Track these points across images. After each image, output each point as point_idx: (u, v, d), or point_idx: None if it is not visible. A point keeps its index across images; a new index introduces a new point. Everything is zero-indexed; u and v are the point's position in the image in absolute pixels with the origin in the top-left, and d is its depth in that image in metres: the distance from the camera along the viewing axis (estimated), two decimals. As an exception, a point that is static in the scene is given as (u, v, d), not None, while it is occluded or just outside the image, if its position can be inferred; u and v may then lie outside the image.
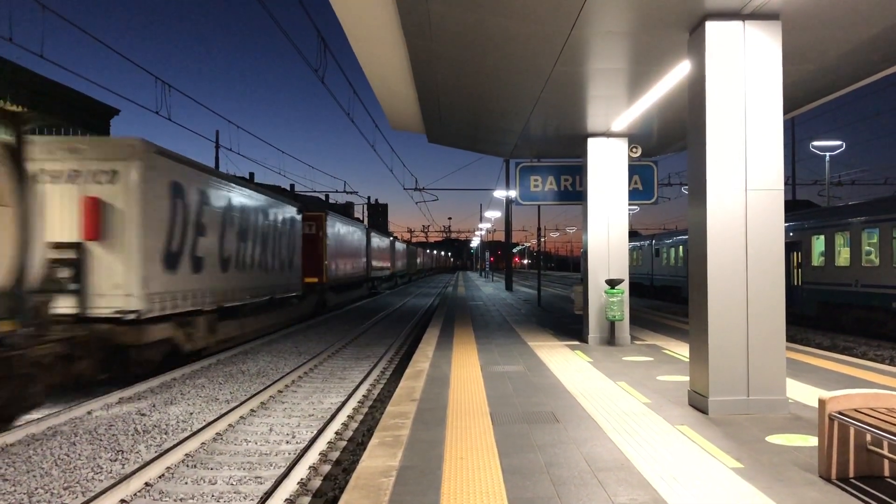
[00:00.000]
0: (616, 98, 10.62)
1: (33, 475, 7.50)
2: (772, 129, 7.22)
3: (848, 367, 10.43)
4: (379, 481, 5.18)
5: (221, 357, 16.15)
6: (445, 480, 5.20)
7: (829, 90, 10.42)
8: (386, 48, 9.81)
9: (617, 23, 7.44)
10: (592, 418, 7.17)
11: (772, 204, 7.21)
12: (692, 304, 7.59)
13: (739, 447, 5.99)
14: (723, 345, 7.14)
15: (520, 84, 10.10)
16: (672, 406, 7.69)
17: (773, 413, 7.16)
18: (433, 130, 14.86)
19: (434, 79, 10.38)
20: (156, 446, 8.68)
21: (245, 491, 7.05)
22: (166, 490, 7.08)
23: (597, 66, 9.02)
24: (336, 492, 7.09)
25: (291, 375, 13.38)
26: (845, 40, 7.91)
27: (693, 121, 7.59)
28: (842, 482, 5.07)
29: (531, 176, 14.87)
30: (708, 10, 7.06)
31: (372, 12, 8.53)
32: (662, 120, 12.18)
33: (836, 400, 5.16)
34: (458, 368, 10.47)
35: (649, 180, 14.76)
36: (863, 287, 20.15)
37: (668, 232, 40.12)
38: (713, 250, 7.18)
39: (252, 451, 8.54)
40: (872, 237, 19.75)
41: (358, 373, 14.26)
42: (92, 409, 10.61)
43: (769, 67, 7.20)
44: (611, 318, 12.87)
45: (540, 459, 5.71)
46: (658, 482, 5.10)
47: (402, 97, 12.52)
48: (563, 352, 12.37)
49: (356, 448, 8.75)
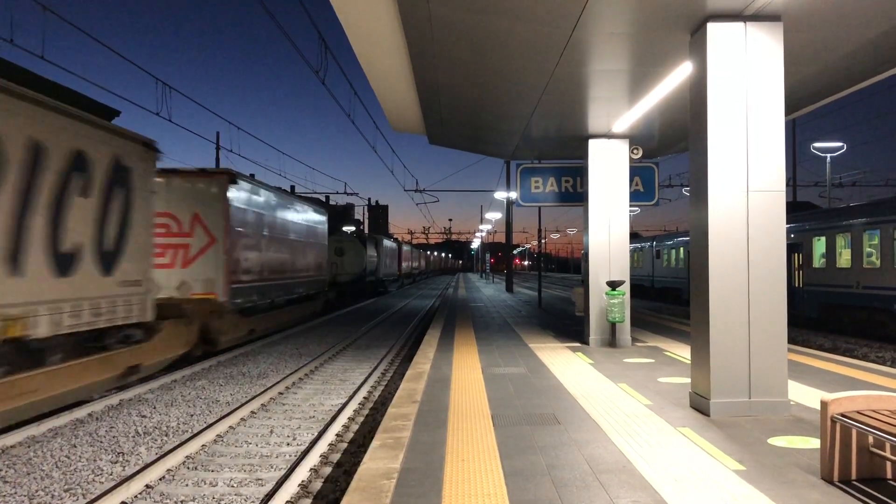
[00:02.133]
0: (617, 99, 10.62)
1: (34, 477, 7.49)
2: (773, 130, 7.21)
3: (849, 369, 10.41)
4: (380, 483, 5.17)
5: (222, 359, 16.14)
6: (447, 482, 5.18)
7: (830, 91, 10.41)
8: (387, 49, 9.81)
9: (618, 24, 7.43)
10: (594, 420, 7.15)
11: (773, 205, 7.20)
12: (694, 305, 7.58)
13: (741, 449, 5.98)
14: (724, 346, 7.13)
15: (521, 85, 10.10)
16: (673, 408, 7.68)
17: (775, 415, 7.14)
18: (434, 132, 14.85)
19: (435, 80, 10.37)
20: (156, 448, 8.66)
21: (246, 493, 7.03)
22: (167, 492, 7.06)
23: (598, 68, 9.01)
24: (337, 494, 7.08)
25: (292, 377, 13.37)
26: (847, 42, 7.90)
27: (694, 122, 7.58)
28: (844, 484, 5.05)
29: (532, 177, 14.85)
30: (709, 12, 7.05)
31: (373, 13, 8.52)
32: (664, 121, 12.17)
33: (838, 402, 5.15)
34: (459, 370, 10.46)
35: (650, 181, 14.75)
36: (864, 289, 20.12)
37: (668, 233, 40.10)
38: (715, 252, 7.17)
39: (253, 452, 8.52)
40: (873, 239, 19.73)
41: (359, 374, 14.24)
42: (93, 410, 10.60)
43: (771, 69, 7.19)
44: (612, 320, 12.85)
45: (541, 461, 5.70)
46: (660, 484, 5.09)
47: (403, 98, 12.52)
48: (564, 353, 12.36)
49: (357, 450, 8.73)
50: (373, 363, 15.70)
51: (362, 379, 13.53)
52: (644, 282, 43.18)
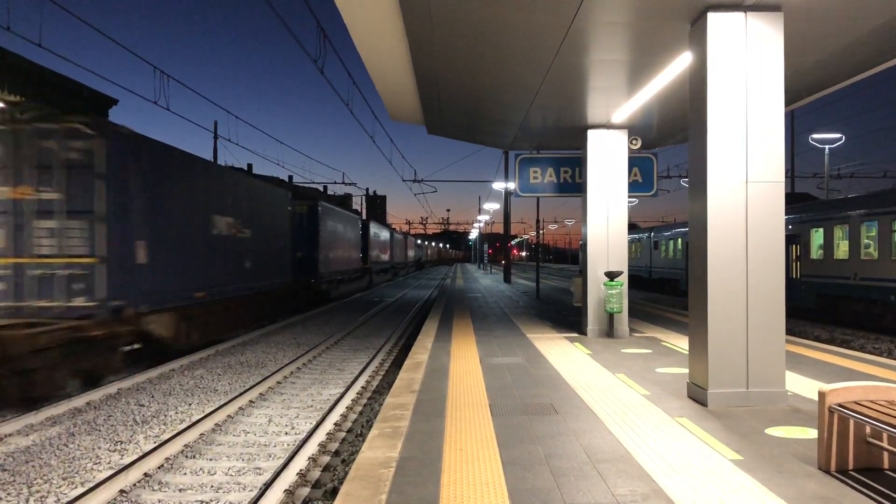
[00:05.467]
0: (616, 89, 10.59)
1: (32, 465, 7.50)
2: (773, 121, 7.19)
3: (846, 360, 10.44)
4: (379, 472, 5.18)
5: (220, 348, 16.15)
6: (445, 471, 5.20)
7: (829, 83, 10.40)
8: (386, 39, 9.77)
9: (618, 13, 7.40)
10: (591, 410, 7.17)
11: (772, 196, 7.20)
12: (692, 296, 7.59)
13: (739, 439, 6.00)
14: (722, 337, 7.14)
15: (520, 75, 10.06)
16: (671, 398, 7.70)
17: (773, 405, 7.16)
18: (432, 121, 14.82)
19: (434, 69, 10.34)
20: (154, 437, 8.68)
21: (244, 482, 7.05)
22: (165, 480, 7.08)
23: (598, 57, 8.99)
24: (335, 483, 7.10)
25: (290, 367, 13.38)
26: (847, 33, 7.88)
27: (694, 113, 7.57)
28: (841, 474, 5.08)
29: (530, 168, 14.83)
30: (710, 2, 7.03)
31: (372, 2, 8.48)
32: (663, 112, 12.14)
33: (835, 392, 5.16)
34: (457, 360, 10.47)
35: (649, 172, 14.74)
36: (861, 280, 20.16)
37: (666, 224, 40.09)
38: (713, 242, 7.17)
39: (251, 441, 8.54)
40: (871, 230, 19.75)
41: (356, 364, 14.26)
42: (91, 399, 10.61)
43: (771, 59, 7.17)
44: (610, 311, 12.87)
45: (539, 451, 5.72)
46: (658, 474, 5.11)
47: (402, 88, 12.48)
48: (562, 344, 12.38)
49: (355, 439, 8.75)
50: (370, 353, 15.72)
51: (360, 368, 13.54)
52: (642, 273, 43.20)
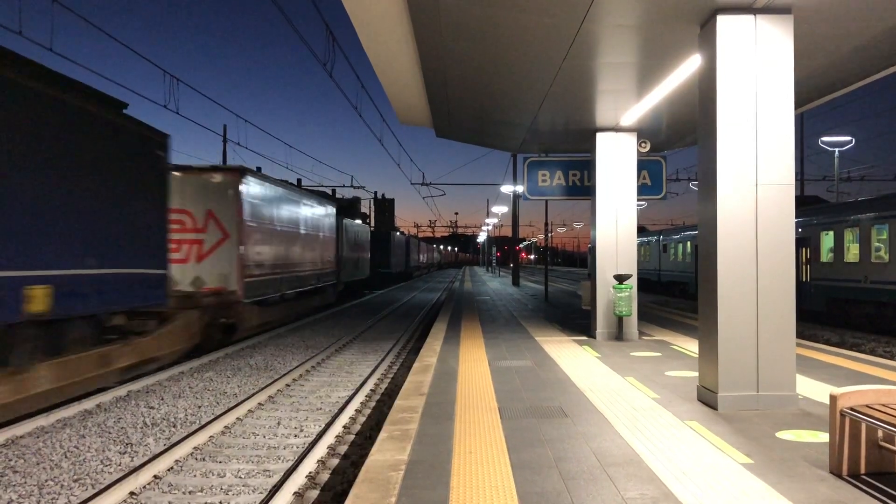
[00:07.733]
0: (625, 92, 10.57)
1: (43, 467, 7.54)
2: (783, 124, 7.17)
3: (857, 364, 10.38)
4: (388, 475, 5.18)
5: (229, 351, 16.20)
6: (454, 474, 5.19)
7: (840, 85, 10.34)
8: (395, 41, 9.78)
9: (628, 16, 7.40)
10: (601, 413, 7.15)
11: (782, 199, 7.17)
12: (702, 299, 7.56)
13: (749, 443, 5.97)
14: (732, 340, 7.11)
15: (529, 78, 10.06)
16: (681, 401, 7.67)
17: (783, 409, 7.13)
18: (441, 125, 14.83)
19: (443, 72, 10.35)
20: (164, 439, 8.71)
21: (254, 484, 7.06)
22: (175, 483, 7.10)
23: (607, 60, 8.98)
24: (345, 485, 7.10)
25: (299, 369, 13.41)
26: (858, 35, 7.84)
27: (703, 116, 7.55)
28: (853, 478, 5.05)
29: (539, 171, 14.83)
30: (719, 4, 7.01)
31: (381, 5, 8.50)
32: (672, 114, 12.12)
33: (847, 396, 5.13)
34: (465, 363, 10.47)
35: (658, 175, 14.71)
36: (872, 283, 20.04)
37: (675, 227, 39.98)
38: (723, 245, 7.15)
39: (260, 444, 8.56)
40: (882, 233, 19.64)
41: (365, 367, 14.27)
42: (101, 401, 10.66)
43: (781, 62, 7.14)
44: (619, 314, 12.84)
45: (549, 454, 5.71)
46: (668, 477, 5.09)
47: (411, 91, 12.49)
48: (571, 347, 12.35)
49: (364, 442, 8.76)
50: (379, 356, 15.73)
51: (369, 371, 13.56)
52: (651, 276, 43.10)
